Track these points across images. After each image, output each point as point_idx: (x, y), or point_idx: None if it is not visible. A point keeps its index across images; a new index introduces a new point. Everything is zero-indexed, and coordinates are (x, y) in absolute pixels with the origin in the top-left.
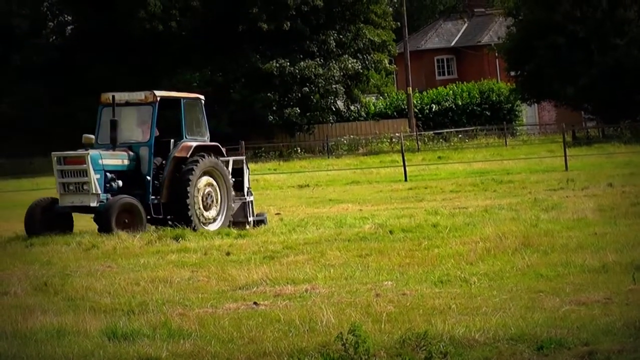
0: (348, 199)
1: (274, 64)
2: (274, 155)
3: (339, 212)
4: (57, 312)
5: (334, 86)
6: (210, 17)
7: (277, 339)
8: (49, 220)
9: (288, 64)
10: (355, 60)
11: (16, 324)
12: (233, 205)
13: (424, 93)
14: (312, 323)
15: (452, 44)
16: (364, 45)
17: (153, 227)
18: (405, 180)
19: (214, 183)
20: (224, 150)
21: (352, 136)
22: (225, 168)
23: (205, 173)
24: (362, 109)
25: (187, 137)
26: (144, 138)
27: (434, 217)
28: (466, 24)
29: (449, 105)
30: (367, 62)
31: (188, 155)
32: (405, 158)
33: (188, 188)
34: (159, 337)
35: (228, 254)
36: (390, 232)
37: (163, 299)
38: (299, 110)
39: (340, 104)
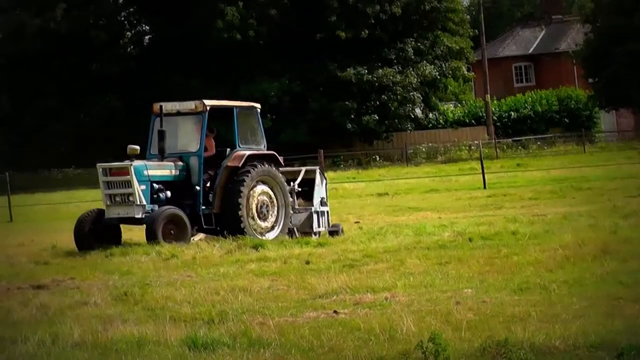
0: (427, 206)
1: (352, 72)
2: (353, 164)
3: (418, 220)
4: (137, 322)
5: (411, 93)
6: (287, 26)
7: (357, 348)
8: (97, 232)
9: (366, 71)
10: (432, 67)
11: (96, 334)
12: (299, 215)
13: (502, 100)
14: (392, 331)
15: (530, 51)
16: (441, 53)
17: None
18: (484, 187)
19: (270, 192)
20: (281, 159)
21: (430, 144)
22: (281, 177)
23: (260, 182)
24: (440, 117)
25: (240, 146)
26: (195, 148)
27: (513, 224)
28: (544, 31)
29: (527, 112)
30: (444, 69)
31: (240, 165)
32: (484, 165)
33: (240, 199)
34: (239, 347)
35: (307, 262)
36: (470, 239)
37: (243, 308)
38: (377, 118)
39: (418, 111)
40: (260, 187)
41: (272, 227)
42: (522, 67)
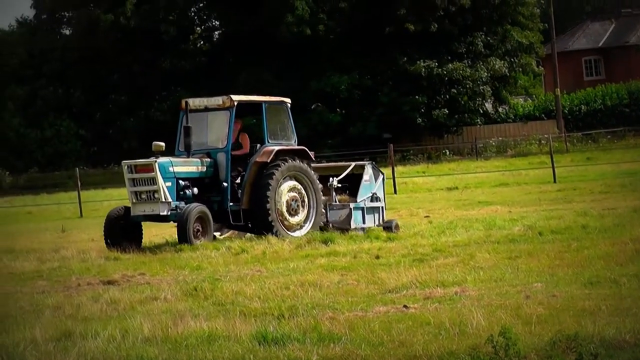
0: (497, 200)
1: (422, 65)
2: (423, 158)
3: (487, 214)
4: (207, 317)
5: (481, 87)
6: (357, 20)
7: (427, 342)
8: (124, 230)
9: (436, 64)
10: (502, 62)
11: (167, 329)
12: (339, 211)
13: (573, 94)
14: (462, 326)
15: (600, 44)
16: (511, 47)
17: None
18: (554, 181)
19: (300, 188)
20: (312, 154)
21: (500, 138)
22: (312, 172)
23: (289, 177)
24: (510, 111)
25: (269, 141)
26: (223, 144)
27: (583, 218)
28: (613, 25)
29: (597, 106)
30: (514, 64)
31: (269, 160)
32: (554, 159)
33: (268, 192)
34: (309, 341)
35: (377, 257)
36: (540, 233)
37: (313, 302)
38: (447, 112)
39: (488, 105)
40: (290, 183)
41: (303, 223)
42: (591, 60)
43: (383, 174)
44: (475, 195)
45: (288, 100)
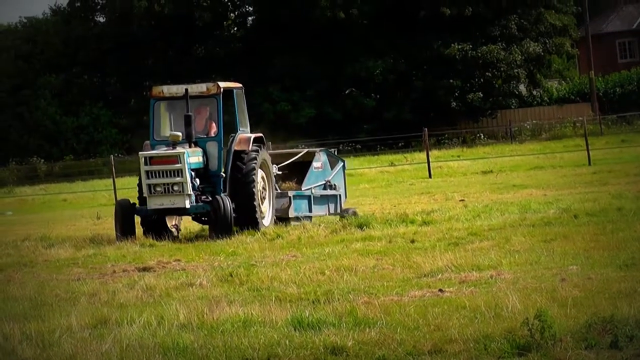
0: (532, 184)
1: (456, 47)
2: (457, 142)
3: (523, 198)
4: (243, 303)
5: (515, 71)
6: (391, 3)
7: (463, 326)
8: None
9: (470, 47)
10: (536, 44)
11: (202, 315)
12: (280, 200)
13: (607, 77)
14: (497, 309)
15: (634, 26)
16: (545, 30)
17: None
18: (589, 164)
19: (264, 176)
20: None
21: (534, 121)
22: (270, 160)
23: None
24: (545, 94)
25: (240, 129)
26: (209, 132)
27: (619, 200)
28: None
29: (632, 88)
30: (548, 47)
31: (249, 149)
32: (589, 142)
33: (254, 189)
34: (344, 326)
35: (413, 241)
36: (575, 216)
37: (348, 287)
38: (481, 95)
39: (522, 88)
40: (260, 172)
41: (266, 212)
42: (626, 42)
43: (343, 161)
44: (510, 178)
45: (242, 86)
